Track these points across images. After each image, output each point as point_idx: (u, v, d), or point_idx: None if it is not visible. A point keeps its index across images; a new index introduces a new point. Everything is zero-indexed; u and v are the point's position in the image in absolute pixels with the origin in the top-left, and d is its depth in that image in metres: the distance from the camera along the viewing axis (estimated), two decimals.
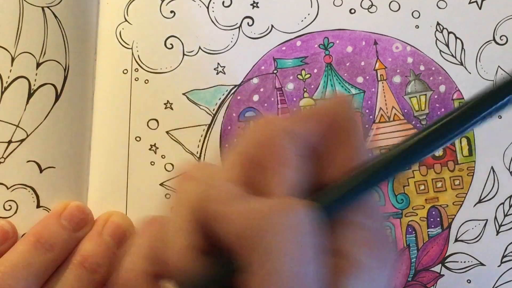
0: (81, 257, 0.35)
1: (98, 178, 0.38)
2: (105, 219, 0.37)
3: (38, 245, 0.34)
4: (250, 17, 0.40)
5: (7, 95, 0.36)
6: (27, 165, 0.36)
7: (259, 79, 0.39)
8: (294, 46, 0.39)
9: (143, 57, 0.39)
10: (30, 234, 0.34)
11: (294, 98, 0.39)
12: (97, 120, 0.39)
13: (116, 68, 0.39)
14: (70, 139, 0.37)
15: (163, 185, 0.38)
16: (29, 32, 0.37)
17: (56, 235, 0.34)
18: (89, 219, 0.36)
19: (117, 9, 0.39)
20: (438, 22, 0.40)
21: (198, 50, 0.39)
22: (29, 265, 0.33)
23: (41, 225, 0.35)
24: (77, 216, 0.36)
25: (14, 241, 0.35)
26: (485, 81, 0.39)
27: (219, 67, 0.39)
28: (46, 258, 0.34)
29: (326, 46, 0.39)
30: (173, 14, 0.40)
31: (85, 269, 0.34)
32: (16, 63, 0.36)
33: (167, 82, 0.39)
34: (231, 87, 0.39)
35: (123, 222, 0.37)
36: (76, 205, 0.36)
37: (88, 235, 0.36)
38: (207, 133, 0.39)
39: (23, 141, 0.36)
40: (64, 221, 0.35)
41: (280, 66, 0.39)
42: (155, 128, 0.39)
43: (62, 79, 0.37)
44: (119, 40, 0.39)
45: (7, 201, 0.36)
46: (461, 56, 0.39)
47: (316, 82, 0.39)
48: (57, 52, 0.37)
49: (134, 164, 0.38)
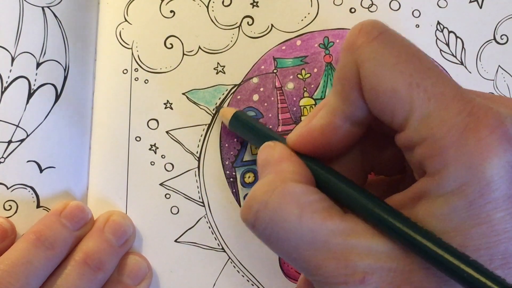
0: (84, 254, 0.35)
1: (98, 178, 0.38)
2: (106, 218, 0.37)
3: (38, 243, 0.34)
4: (250, 16, 0.40)
5: (7, 95, 0.36)
6: (27, 165, 0.36)
7: (259, 78, 0.39)
8: (294, 45, 0.39)
9: (143, 57, 0.39)
10: (31, 232, 0.34)
11: (294, 98, 0.39)
12: (97, 120, 0.39)
13: (116, 68, 0.39)
14: (70, 139, 0.38)
15: (163, 185, 0.38)
16: (29, 32, 0.37)
17: (57, 234, 0.34)
18: (89, 218, 0.36)
19: (117, 9, 0.39)
20: (438, 22, 0.39)
21: (198, 50, 0.39)
22: (29, 263, 0.33)
23: (41, 224, 0.35)
24: (77, 215, 0.36)
25: (13, 239, 0.35)
26: (486, 80, 0.39)
27: (219, 67, 0.39)
28: (46, 256, 0.34)
29: (326, 46, 0.39)
30: (173, 13, 0.40)
31: (88, 266, 0.34)
32: (16, 63, 0.36)
33: (167, 82, 0.39)
34: (231, 87, 0.39)
35: (124, 221, 0.37)
36: (76, 204, 0.36)
37: (90, 233, 0.36)
38: (207, 132, 0.39)
39: (23, 141, 0.36)
40: (64, 219, 0.35)
41: (280, 65, 0.39)
42: (155, 128, 0.39)
43: (62, 79, 0.38)
44: (119, 40, 0.39)
45: (7, 201, 0.36)
46: (461, 55, 0.39)
47: (316, 81, 0.39)
48: (57, 52, 0.37)
49: (134, 164, 0.38)
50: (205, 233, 0.38)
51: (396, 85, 0.24)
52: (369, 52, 0.25)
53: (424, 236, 0.24)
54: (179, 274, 0.37)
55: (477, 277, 0.22)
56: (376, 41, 0.25)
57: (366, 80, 0.25)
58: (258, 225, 0.26)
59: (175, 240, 0.38)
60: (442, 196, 0.24)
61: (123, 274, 0.36)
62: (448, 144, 0.23)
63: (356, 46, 0.26)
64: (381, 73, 0.25)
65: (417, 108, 0.24)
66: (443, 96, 0.24)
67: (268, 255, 0.37)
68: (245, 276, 0.37)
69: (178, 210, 0.38)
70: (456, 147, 0.23)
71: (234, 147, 0.38)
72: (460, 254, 0.23)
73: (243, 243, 0.38)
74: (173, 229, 0.38)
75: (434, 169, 0.24)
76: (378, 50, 0.25)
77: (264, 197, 0.26)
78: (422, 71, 0.24)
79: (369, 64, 0.25)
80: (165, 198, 0.38)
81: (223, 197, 0.38)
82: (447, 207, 0.24)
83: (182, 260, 0.37)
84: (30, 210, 0.36)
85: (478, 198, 0.23)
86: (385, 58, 0.25)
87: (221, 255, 0.37)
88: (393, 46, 0.25)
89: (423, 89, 0.24)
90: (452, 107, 0.24)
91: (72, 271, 0.34)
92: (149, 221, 0.38)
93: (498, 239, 0.23)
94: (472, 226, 0.23)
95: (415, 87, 0.24)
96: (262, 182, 0.27)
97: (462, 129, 0.23)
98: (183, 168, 0.38)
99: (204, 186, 0.38)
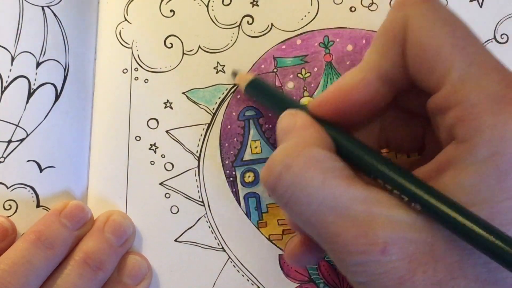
0: (84, 254, 0.35)
1: (98, 178, 0.38)
2: (106, 218, 0.37)
3: (38, 243, 0.34)
4: (250, 15, 0.40)
5: (7, 95, 0.36)
6: (27, 164, 0.36)
7: None
8: (294, 44, 0.39)
9: (143, 57, 0.39)
10: (30, 232, 0.34)
11: (294, 97, 0.39)
12: (97, 120, 0.39)
13: (116, 67, 0.39)
14: (70, 139, 0.38)
15: (163, 184, 0.38)
16: (29, 31, 0.37)
17: (56, 233, 0.34)
18: (89, 217, 0.36)
19: (117, 8, 0.40)
20: None
21: (198, 49, 0.39)
22: (29, 262, 0.33)
23: (41, 223, 0.35)
24: (77, 215, 0.36)
25: (13, 239, 0.35)
26: None
27: (219, 66, 0.39)
28: (46, 255, 0.34)
29: (326, 45, 0.39)
30: (173, 13, 0.40)
31: (88, 266, 0.34)
32: (16, 63, 0.36)
33: (167, 81, 0.39)
34: (231, 86, 0.39)
35: (124, 220, 0.37)
36: (76, 204, 0.36)
37: (90, 233, 0.36)
38: (207, 132, 0.39)
39: (23, 140, 0.36)
40: (64, 219, 0.35)
41: (280, 64, 0.39)
42: (155, 127, 0.39)
43: (62, 79, 0.38)
44: (119, 40, 0.39)
45: (7, 201, 0.36)
46: None
47: (316, 80, 0.39)
48: (57, 52, 0.37)
49: (134, 163, 0.38)
50: (205, 233, 0.38)
51: (441, 44, 0.25)
52: (420, 9, 0.26)
53: (450, 207, 0.23)
54: (179, 274, 0.37)
55: (504, 247, 0.21)
56: (427, 2, 0.26)
57: (413, 34, 0.25)
58: (280, 187, 0.26)
59: (175, 240, 0.38)
60: (472, 165, 0.23)
61: (123, 274, 0.36)
62: (483, 111, 0.23)
63: (408, 3, 0.26)
64: (429, 30, 0.25)
65: (458, 69, 0.24)
66: (484, 64, 0.24)
67: (268, 254, 0.37)
68: (245, 275, 0.37)
69: (178, 209, 0.38)
70: (491, 115, 0.23)
71: (234, 146, 0.38)
72: (488, 225, 0.22)
73: (243, 242, 0.37)
74: (173, 228, 0.38)
75: (466, 135, 0.23)
76: (429, 9, 0.26)
77: (287, 160, 0.26)
78: (467, 39, 0.25)
79: (419, 20, 0.25)
80: (165, 198, 0.38)
81: (223, 197, 0.38)
82: (477, 177, 0.23)
83: (182, 259, 0.37)
84: (30, 209, 0.36)
85: (510, 169, 0.22)
86: (435, 17, 0.25)
87: (221, 255, 0.37)
88: (443, 11, 0.26)
89: (466, 53, 0.24)
90: (492, 76, 0.24)
91: (72, 270, 0.34)
92: (149, 221, 0.38)
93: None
94: (503, 200, 0.22)
95: (459, 49, 0.24)
96: (285, 146, 0.27)
97: (500, 98, 0.23)
98: (183, 168, 0.38)
99: (204, 186, 0.38)
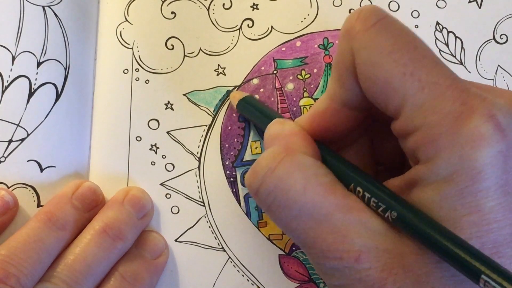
0: (103, 223, 0.34)
1: (99, 178, 0.38)
2: (125, 192, 0.37)
3: (50, 224, 0.33)
4: (250, 19, 0.40)
5: (7, 94, 0.36)
6: (27, 164, 0.36)
7: (259, 79, 0.39)
8: (294, 46, 0.39)
9: (143, 57, 0.39)
10: (42, 213, 0.34)
11: (294, 98, 0.39)
12: (98, 120, 0.39)
13: (116, 68, 0.39)
14: (70, 139, 0.38)
15: (163, 185, 0.38)
16: (29, 31, 0.37)
17: (68, 215, 0.34)
18: (101, 200, 0.36)
19: (118, 8, 0.40)
20: (437, 22, 0.40)
21: (199, 52, 0.40)
22: (41, 240, 0.32)
23: (52, 204, 0.35)
24: (88, 197, 0.36)
25: (15, 212, 0.35)
26: (485, 80, 0.39)
27: (219, 69, 0.39)
28: (57, 235, 0.33)
29: (326, 46, 0.39)
30: (174, 15, 0.40)
31: (107, 235, 0.34)
32: (16, 62, 0.37)
33: (168, 83, 0.39)
34: (232, 88, 0.39)
35: (143, 195, 0.37)
36: (88, 186, 0.36)
37: (108, 204, 0.36)
38: (208, 133, 0.39)
39: (23, 140, 0.36)
40: (76, 201, 0.35)
41: (280, 66, 0.39)
42: (155, 128, 0.39)
43: (63, 79, 0.38)
44: (120, 40, 0.39)
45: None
46: (460, 55, 0.39)
47: (316, 82, 0.39)
48: (57, 52, 0.38)
49: (134, 164, 0.38)
50: (205, 233, 0.38)
51: (390, 75, 0.24)
52: (365, 40, 0.25)
53: (420, 219, 0.24)
54: (179, 274, 0.37)
55: (469, 260, 0.22)
56: (373, 29, 0.25)
57: (360, 68, 0.25)
58: (262, 190, 0.27)
59: (175, 240, 0.37)
60: (433, 183, 0.24)
61: (143, 249, 0.36)
62: (441, 132, 0.23)
63: (353, 33, 0.26)
64: (375, 62, 0.25)
65: (411, 97, 0.24)
66: (437, 85, 0.24)
67: (268, 254, 0.37)
68: (245, 275, 0.37)
69: (178, 209, 0.38)
70: (449, 136, 0.23)
71: (234, 147, 0.38)
72: (454, 237, 0.23)
73: (243, 242, 0.37)
74: (174, 228, 0.38)
75: (426, 157, 0.24)
76: (374, 38, 0.25)
77: (271, 164, 0.27)
78: (417, 60, 0.24)
79: (364, 53, 0.25)
80: (166, 198, 0.38)
81: (223, 197, 0.38)
82: (438, 195, 0.24)
83: (182, 259, 0.37)
84: (30, 209, 0.36)
85: (469, 186, 0.23)
86: (380, 46, 0.25)
87: (221, 255, 0.37)
88: (390, 34, 0.25)
89: (417, 78, 0.24)
90: (446, 96, 0.24)
91: (91, 240, 0.34)
92: None
93: (489, 228, 0.23)
94: (463, 215, 0.23)
95: (409, 76, 0.24)
96: (270, 150, 0.28)
97: (455, 118, 0.23)
98: (184, 168, 0.38)
99: (204, 186, 0.38)
